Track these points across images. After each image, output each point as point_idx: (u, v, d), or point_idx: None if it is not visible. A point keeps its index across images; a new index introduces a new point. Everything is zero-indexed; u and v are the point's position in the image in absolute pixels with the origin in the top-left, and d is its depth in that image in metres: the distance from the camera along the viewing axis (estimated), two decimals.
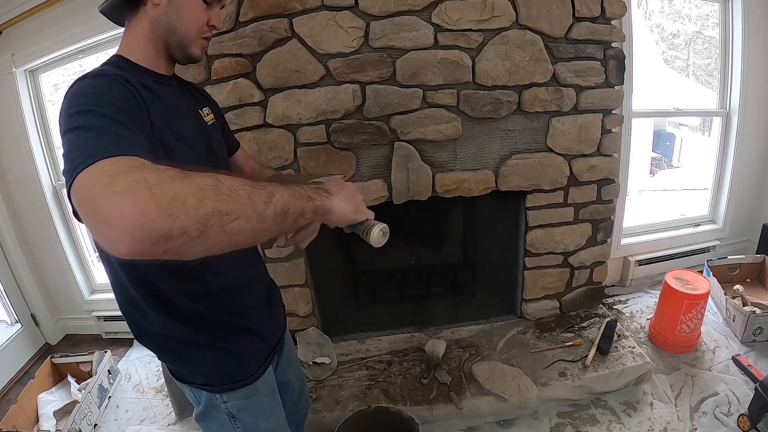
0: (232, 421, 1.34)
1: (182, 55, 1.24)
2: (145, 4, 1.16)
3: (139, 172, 0.71)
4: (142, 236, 0.67)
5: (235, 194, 0.78)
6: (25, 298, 3.41)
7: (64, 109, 0.91)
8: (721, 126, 3.45)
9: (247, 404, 1.34)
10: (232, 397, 1.31)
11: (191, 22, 1.20)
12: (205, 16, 1.22)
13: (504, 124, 2.43)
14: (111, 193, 0.68)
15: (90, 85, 0.96)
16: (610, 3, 2.33)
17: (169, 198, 0.69)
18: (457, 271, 3.28)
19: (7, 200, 3.24)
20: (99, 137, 0.81)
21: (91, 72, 1.03)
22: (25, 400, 2.68)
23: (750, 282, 3.33)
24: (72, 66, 3.24)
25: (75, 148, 0.79)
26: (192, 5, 1.19)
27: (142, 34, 1.17)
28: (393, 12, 2.18)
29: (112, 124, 0.85)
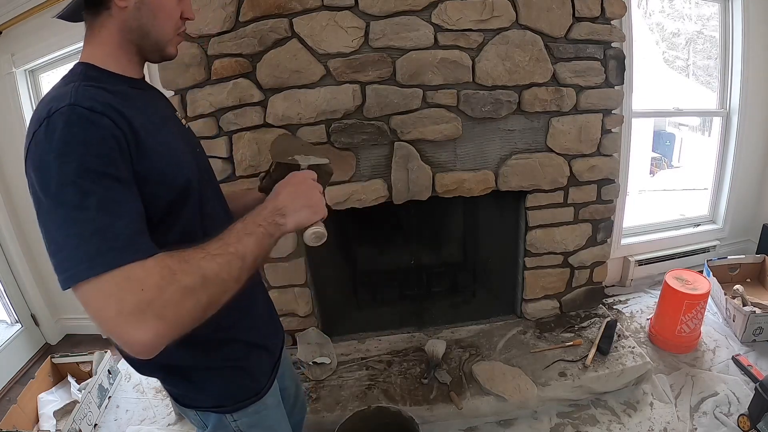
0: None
1: (158, 57, 1.14)
2: (109, 8, 1.02)
3: (142, 293, 0.80)
4: (156, 348, 0.82)
5: (220, 279, 0.90)
6: (25, 298, 3.41)
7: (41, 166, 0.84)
8: (721, 126, 3.45)
9: (256, 420, 1.31)
10: (243, 415, 1.27)
11: (165, 21, 1.09)
12: (178, 10, 1.11)
13: (504, 124, 2.43)
14: (122, 322, 0.79)
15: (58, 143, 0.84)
16: (610, 3, 2.33)
17: (174, 317, 0.83)
18: (457, 271, 3.28)
19: (7, 200, 3.23)
20: (93, 237, 0.81)
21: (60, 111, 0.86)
22: (25, 400, 2.68)
23: (750, 282, 3.33)
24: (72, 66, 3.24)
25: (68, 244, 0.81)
26: (164, 3, 1.08)
27: (110, 40, 1.05)
28: (393, 12, 2.18)
29: (103, 208, 0.83)
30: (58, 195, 0.82)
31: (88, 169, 0.83)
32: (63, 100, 0.87)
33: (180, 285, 0.84)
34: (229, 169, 2.41)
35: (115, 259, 0.81)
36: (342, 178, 2.42)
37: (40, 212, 0.85)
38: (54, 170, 0.82)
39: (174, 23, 1.11)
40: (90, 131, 0.86)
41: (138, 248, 0.84)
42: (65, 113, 0.85)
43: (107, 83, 0.99)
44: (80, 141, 0.84)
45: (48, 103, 0.88)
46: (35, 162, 0.85)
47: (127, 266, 0.81)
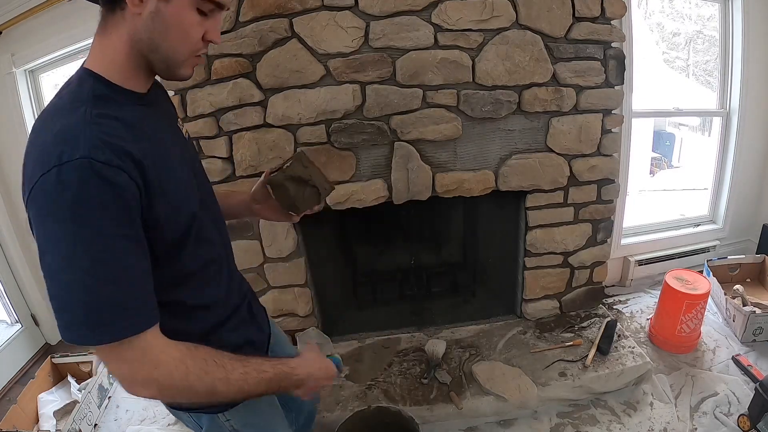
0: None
1: (167, 75, 1.03)
2: (123, 8, 0.93)
3: (155, 371, 0.93)
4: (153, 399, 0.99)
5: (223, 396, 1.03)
6: (25, 298, 3.41)
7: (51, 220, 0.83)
8: (721, 126, 3.45)
9: (250, 418, 1.32)
10: (235, 414, 1.28)
11: (180, 40, 0.97)
12: (200, 31, 0.98)
13: (504, 124, 2.43)
14: (131, 383, 0.93)
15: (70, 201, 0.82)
16: (610, 3, 2.33)
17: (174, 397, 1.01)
18: (457, 271, 3.28)
19: (7, 200, 3.23)
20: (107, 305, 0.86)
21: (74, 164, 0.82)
22: (25, 400, 2.68)
23: (750, 282, 3.33)
24: (72, 66, 3.24)
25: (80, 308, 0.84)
26: (182, 18, 0.94)
27: (120, 48, 0.96)
28: (393, 12, 2.18)
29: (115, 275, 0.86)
30: (71, 258, 0.83)
31: (101, 233, 0.84)
32: (76, 146, 0.83)
33: (188, 384, 0.97)
34: (229, 169, 2.41)
35: (131, 329, 0.89)
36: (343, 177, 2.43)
37: (44, 261, 0.85)
38: (67, 231, 0.82)
39: (191, 44, 0.99)
40: (106, 192, 0.84)
41: (150, 315, 0.93)
42: (80, 168, 0.82)
43: (116, 106, 0.95)
44: (96, 203, 0.83)
45: (58, 142, 0.85)
46: (42, 212, 0.84)
47: (145, 339, 0.91)
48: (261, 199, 1.52)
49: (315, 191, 1.47)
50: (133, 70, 0.99)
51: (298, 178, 1.45)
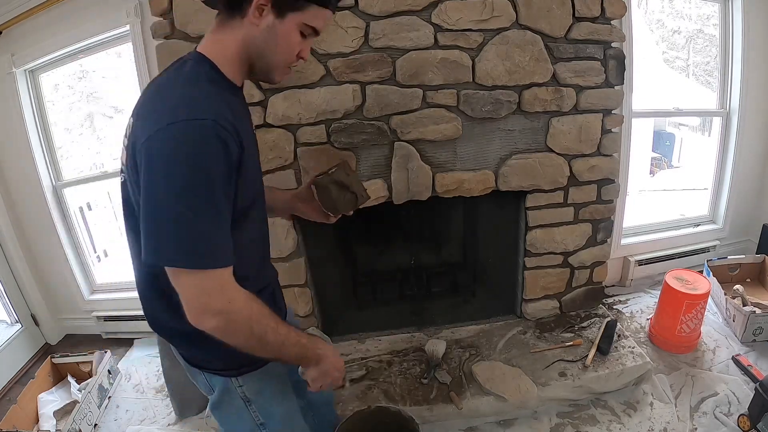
0: (248, 405, 1.39)
1: (262, 78, 1.27)
2: (243, 16, 1.13)
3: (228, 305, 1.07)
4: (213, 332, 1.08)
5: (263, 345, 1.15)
6: (25, 298, 3.41)
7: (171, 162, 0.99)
8: (721, 126, 3.45)
9: (261, 386, 1.40)
10: (248, 380, 1.36)
11: (284, 53, 1.20)
12: (298, 49, 1.21)
13: (504, 124, 2.43)
14: (202, 311, 1.06)
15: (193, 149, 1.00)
16: (610, 3, 2.33)
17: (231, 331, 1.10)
18: (457, 271, 3.28)
19: (7, 200, 3.23)
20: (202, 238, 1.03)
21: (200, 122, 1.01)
22: (25, 400, 2.68)
23: (750, 282, 3.33)
24: (72, 66, 3.24)
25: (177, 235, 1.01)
26: (290, 37, 1.17)
27: (233, 46, 1.16)
28: (393, 12, 2.18)
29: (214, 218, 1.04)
30: (182, 195, 0.99)
31: (211, 181, 1.02)
32: (203, 110, 1.02)
33: (249, 325, 1.11)
34: None
35: (210, 263, 1.04)
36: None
37: (152, 193, 1.01)
38: (184, 173, 0.99)
39: (290, 57, 1.22)
40: (221, 151, 1.02)
41: (230, 255, 1.08)
42: (206, 127, 1.01)
43: (224, 90, 1.16)
44: (213, 157, 1.01)
45: (186, 103, 1.03)
46: (164, 152, 0.99)
47: (224, 275, 1.07)
48: (306, 198, 1.71)
49: (353, 197, 1.68)
50: (237, 66, 1.20)
51: (340, 182, 1.65)
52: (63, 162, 3.33)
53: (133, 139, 1.07)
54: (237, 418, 1.43)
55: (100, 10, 2.70)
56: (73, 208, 3.50)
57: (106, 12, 2.70)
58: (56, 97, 3.52)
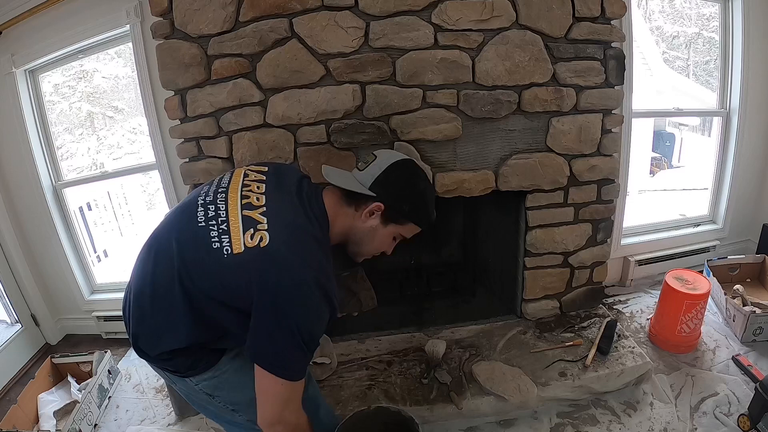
0: (210, 397, 1.54)
1: (350, 254, 1.60)
2: (358, 210, 1.48)
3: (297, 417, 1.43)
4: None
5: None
6: (25, 298, 3.41)
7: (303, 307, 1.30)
8: (721, 126, 3.45)
9: (217, 383, 1.52)
10: (201, 380, 1.50)
11: (376, 249, 1.55)
12: (386, 247, 1.56)
13: (504, 124, 2.43)
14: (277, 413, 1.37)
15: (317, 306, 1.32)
16: (610, 3, 2.33)
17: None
18: (457, 271, 3.27)
19: (7, 200, 3.24)
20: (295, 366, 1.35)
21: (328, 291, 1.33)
22: (25, 400, 2.68)
23: (750, 282, 3.33)
24: (72, 66, 3.24)
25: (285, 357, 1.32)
26: (385, 240, 1.54)
27: (342, 225, 1.48)
28: (393, 12, 2.18)
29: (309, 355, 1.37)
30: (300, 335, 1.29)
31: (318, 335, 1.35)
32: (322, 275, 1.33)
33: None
34: (229, 169, 2.40)
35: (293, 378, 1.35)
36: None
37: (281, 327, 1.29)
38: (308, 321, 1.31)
39: (377, 252, 1.58)
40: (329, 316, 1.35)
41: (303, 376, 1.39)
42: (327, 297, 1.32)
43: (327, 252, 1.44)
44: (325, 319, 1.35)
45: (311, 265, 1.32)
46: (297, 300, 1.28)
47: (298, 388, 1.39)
48: None
49: (358, 303, 1.91)
50: (338, 239, 1.53)
51: (347, 287, 1.86)
52: (63, 162, 3.33)
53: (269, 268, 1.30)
54: (208, 408, 1.61)
55: (100, 10, 2.71)
56: (73, 208, 3.51)
57: (106, 12, 2.71)
58: (56, 98, 3.53)
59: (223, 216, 1.37)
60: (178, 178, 2.72)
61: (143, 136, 6.57)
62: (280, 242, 1.32)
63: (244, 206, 1.39)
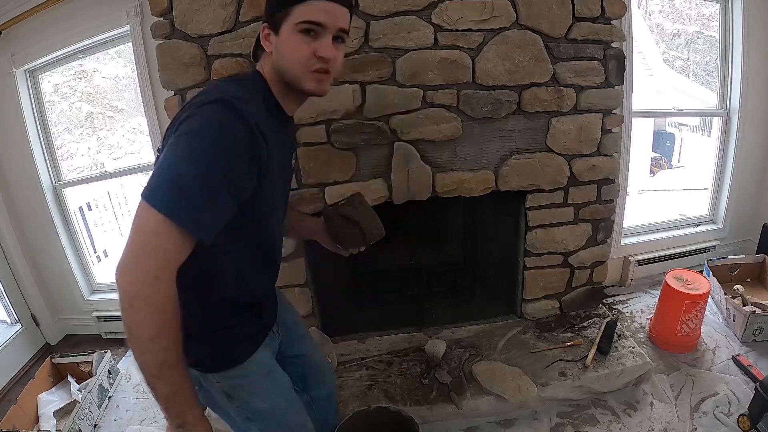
0: (229, 399, 1.40)
1: (300, 91, 1.30)
2: (264, 50, 1.30)
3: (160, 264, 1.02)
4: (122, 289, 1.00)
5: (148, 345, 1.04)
6: (25, 298, 3.41)
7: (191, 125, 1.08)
8: (721, 126, 3.45)
9: (240, 383, 1.40)
10: (224, 378, 1.37)
11: (292, 59, 1.24)
12: (307, 49, 1.23)
13: (504, 124, 2.43)
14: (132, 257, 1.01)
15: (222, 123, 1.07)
16: (610, 3, 2.33)
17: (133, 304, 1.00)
18: (457, 271, 3.27)
19: (7, 200, 3.24)
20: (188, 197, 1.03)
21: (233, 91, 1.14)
22: (25, 400, 2.68)
23: (750, 282, 3.33)
24: (72, 66, 3.24)
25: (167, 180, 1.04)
26: (289, 43, 1.23)
27: (270, 75, 1.30)
28: (393, 12, 2.18)
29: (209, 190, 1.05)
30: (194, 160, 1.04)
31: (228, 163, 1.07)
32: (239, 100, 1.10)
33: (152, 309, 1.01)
34: None
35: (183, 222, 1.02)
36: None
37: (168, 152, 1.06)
38: (206, 144, 1.05)
39: (304, 60, 1.24)
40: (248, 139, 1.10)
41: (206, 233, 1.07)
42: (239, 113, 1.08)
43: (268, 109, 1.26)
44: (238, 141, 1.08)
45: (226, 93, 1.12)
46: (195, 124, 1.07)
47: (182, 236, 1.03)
48: (320, 230, 1.78)
49: (361, 234, 1.64)
50: (282, 90, 1.31)
51: (346, 216, 1.63)
52: (63, 162, 3.33)
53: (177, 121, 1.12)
54: (224, 412, 1.47)
55: (100, 10, 2.71)
56: (73, 208, 3.51)
57: (106, 12, 2.71)
58: (57, 98, 3.53)
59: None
60: None
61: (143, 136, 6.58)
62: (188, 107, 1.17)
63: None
